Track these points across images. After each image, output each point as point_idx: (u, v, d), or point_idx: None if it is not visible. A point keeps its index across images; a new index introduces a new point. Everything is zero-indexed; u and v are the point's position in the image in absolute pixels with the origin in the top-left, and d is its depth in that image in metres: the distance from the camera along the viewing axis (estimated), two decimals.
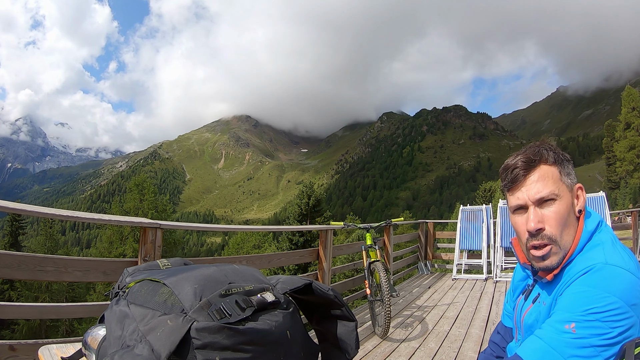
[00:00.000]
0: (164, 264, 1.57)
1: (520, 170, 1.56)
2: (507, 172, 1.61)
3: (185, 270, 1.35)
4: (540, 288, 1.63)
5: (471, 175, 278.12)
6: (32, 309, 3.65)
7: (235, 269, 1.37)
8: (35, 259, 2.95)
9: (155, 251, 3.49)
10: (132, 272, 1.50)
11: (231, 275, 1.31)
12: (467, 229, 11.07)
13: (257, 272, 1.41)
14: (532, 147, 1.60)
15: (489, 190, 56.45)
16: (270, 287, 1.32)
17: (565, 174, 1.56)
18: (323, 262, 6.35)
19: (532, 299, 1.66)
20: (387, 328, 5.29)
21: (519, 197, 1.57)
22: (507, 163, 1.62)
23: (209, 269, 1.34)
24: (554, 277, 1.54)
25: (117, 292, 1.41)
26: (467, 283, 9.82)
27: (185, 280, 1.24)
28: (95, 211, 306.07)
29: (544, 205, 1.53)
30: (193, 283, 1.22)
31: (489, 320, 6.28)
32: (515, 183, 1.58)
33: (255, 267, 5.56)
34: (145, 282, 1.33)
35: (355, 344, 1.48)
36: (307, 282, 1.43)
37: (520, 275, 1.86)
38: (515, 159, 1.59)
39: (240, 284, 1.26)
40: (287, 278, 1.44)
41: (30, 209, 2.90)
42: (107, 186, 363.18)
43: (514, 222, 1.63)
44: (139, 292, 1.30)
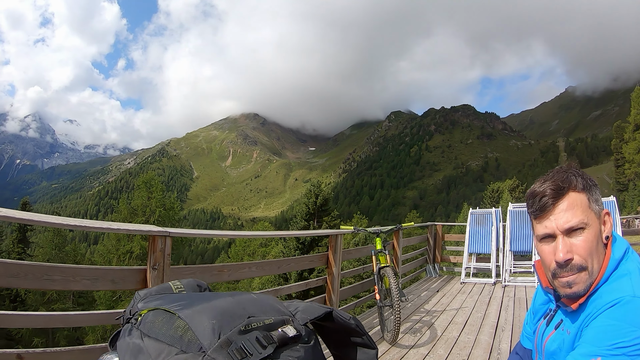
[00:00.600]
0: (176, 287, 1.52)
1: (548, 198, 1.53)
2: (535, 199, 1.57)
3: (201, 300, 1.30)
4: (564, 315, 1.60)
5: (479, 175, 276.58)
6: (39, 318, 3.60)
7: (253, 299, 1.32)
8: (42, 267, 2.90)
9: (165, 259, 3.45)
10: (143, 296, 1.46)
11: (250, 308, 1.26)
12: (476, 232, 11.03)
13: (276, 301, 1.36)
14: (560, 173, 1.57)
15: (496, 191, 56.20)
16: (290, 319, 1.27)
17: (593, 200, 1.53)
18: (332, 266, 6.32)
19: (554, 325, 1.64)
20: (396, 334, 5.28)
21: (547, 225, 1.53)
22: (535, 190, 1.59)
23: (225, 300, 1.29)
24: (579, 305, 1.50)
25: (129, 319, 1.37)
26: (476, 287, 9.79)
27: (201, 314, 1.19)
28: (103, 208, 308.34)
29: (572, 235, 1.50)
30: (211, 317, 1.17)
31: (497, 327, 6.25)
32: (543, 212, 1.54)
33: (265, 272, 5.60)
34: (159, 312, 1.28)
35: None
36: (327, 311, 1.39)
37: (542, 298, 1.83)
38: (543, 186, 1.56)
39: (260, 317, 1.21)
40: (306, 306, 1.39)
41: (38, 219, 2.87)
42: (115, 183, 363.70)
43: (540, 250, 1.59)
44: (152, 324, 1.24)
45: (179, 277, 3.76)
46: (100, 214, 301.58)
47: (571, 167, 1.59)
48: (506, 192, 53.19)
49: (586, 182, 1.54)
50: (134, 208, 28.53)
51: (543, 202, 1.54)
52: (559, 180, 1.54)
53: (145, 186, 29.27)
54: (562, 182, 1.53)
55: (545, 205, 1.53)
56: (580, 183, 1.53)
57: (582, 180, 1.54)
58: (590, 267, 1.49)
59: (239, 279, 25.04)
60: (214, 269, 4.37)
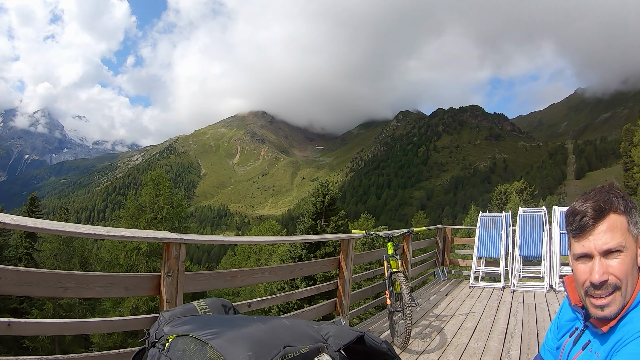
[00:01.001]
0: (201, 307, 1.50)
1: (589, 219, 1.53)
2: (575, 218, 1.57)
3: (232, 326, 1.27)
4: (592, 336, 1.59)
5: (486, 176, 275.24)
6: (53, 325, 3.56)
7: (286, 326, 1.30)
8: (56, 275, 2.89)
9: (179, 266, 3.43)
10: (169, 319, 1.43)
11: (284, 336, 1.23)
12: (486, 236, 10.99)
13: (308, 326, 1.35)
14: (602, 193, 1.57)
15: (504, 193, 55.95)
16: (324, 346, 1.25)
17: (632, 223, 1.53)
18: (344, 271, 6.32)
19: (581, 345, 1.62)
20: (407, 339, 5.28)
21: (585, 245, 1.53)
22: (576, 209, 1.59)
23: (258, 327, 1.26)
24: (609, 328, 1.49)
25: (154, 343, 1.34)
26: (484, 291, 9.75)
27: (235, 345, 1.16)
28: (111, 203, 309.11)
29: (609, 256, 1.50)
30: (246, 349, 1.13)
31: (507, 333, 6.22)
32: (583, 232, 1.54)
33: (278, 277, 5.58)
34: (188, 340, 1.25)
35: None
36: (359, 335, 1.38)
37: (568, 315, 1.82)
38: (584, 205, 1.56)
39: (296, 346, 1.19)
40: (337, 330, 1.37)
41: (52, 227, 2.85)
42: (123, 179, 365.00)
43: (575, 268, 1.59)
44: (183, 353, 1.21)
45: (193, 283, 3.80)
46: (107, 209, 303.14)
47: (612, 187, 1.59)
48: (514, 194, 52.96)
49: (627, 205, 1.54)
50: (142, 205, 28.51)
51: (584, 222, 1.54)
52: (601, 201, 1.54)
53: (153, 183, 29.24)
54: (604, 203, 1.53)
55: (586, 225, 1.53)
56: (621, 205, 1.53)
57: (624, 203, 1.53)
58: (624, 289, 1.48)
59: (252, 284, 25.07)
60: (228, 274, 4.38)
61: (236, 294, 36.49)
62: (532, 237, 10.16)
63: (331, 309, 6.40)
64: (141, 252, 25.33)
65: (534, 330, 6.36)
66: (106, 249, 28.06)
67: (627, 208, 1.52)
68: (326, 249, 24.68)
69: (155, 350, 1.30)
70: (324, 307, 6.28)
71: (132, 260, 25.03)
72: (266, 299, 5.23)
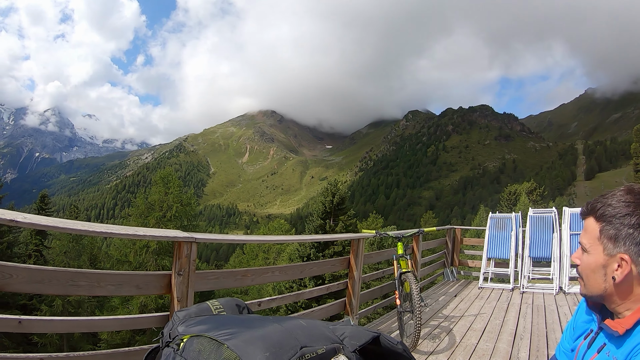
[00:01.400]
0: (215, 307, 1.49)
1: (581, 214, 1.68)
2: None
3: (248, 327, 1.27)
4: (607, 339, 1.56)
5: (496, 176, 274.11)
6: (63, 323, 3.56)
7: (302, 326, 1.29)
8: (68, 273, 2.91)
9: (190, 265, 3.45)
10: (183, 318, 1.43)
11: (301, 337, 1.23)
12: (495, 237, 10.94)
13: (324, 326, 1.34)
14: (602, 195, 1.61)
15: (513, 193, 55.57)
16: (341, 347, 1.25)
17: (607, 235, 1.52)
18: (354, 270, 6.32)
19: (596, 349, 1.59)
20: (416, 339, 5.26)
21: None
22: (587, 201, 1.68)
23: (274, 327, 1.27)
24: (626, 331, 1.46)
25: (169, 342, 1.34)
26: (494, 292, 9.70)
27: (252, 346, 1.15)
28: (120, 201, 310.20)
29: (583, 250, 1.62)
30: (263, 349, 1.13)
31: (516, 335, 6.20)
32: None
33: (288, 277, 5.59)
34: (204, 340, 1.24)
35: None
36: (375, 336, 1.37)
37: (584, 316, 1.79)
38: (588, 202, 1.65)
39: (312, 346, 1.19)
40: (353, 330, 1.37)
41: (64, 225, 2.84)
42: (133, 177, 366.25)
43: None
44: (199, 354, 1.20)
45: (203, 282, 3.81)
46: (117, 207, 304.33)
47: (615, 193, 1.56)
48: (523, 194, 52.54)
49: (606, 214, 1.54)
50: (151, 203, 28.59)
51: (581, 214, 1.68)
52: (591, 202, 1.62)
53: (162, 182, 29.33)
54: (590, 205, 1.61)
55: (582, 218, 1.66)
56: (601, 212, 1.55)
57: (603, 210, 1.55)
58: (585, 282, 1.62)
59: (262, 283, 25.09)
60: (238, 273, 4.39)
61: (244, 293, 36.49)
62: (542, 239, 10.10)
63: (340, 309, 6.40)
64: (150, 250, 25.42)
65: (543, 332, 6.32)
66: (115, 247, 28.19)
67: (606, 218, 1.53)
68: (335, 248, 24.69)
69: (170, 350, 1.29)
70: (333, 307, 6.27)
71: (142, 258, 25.12)
72: (276, 298, 5.24)
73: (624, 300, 1.50)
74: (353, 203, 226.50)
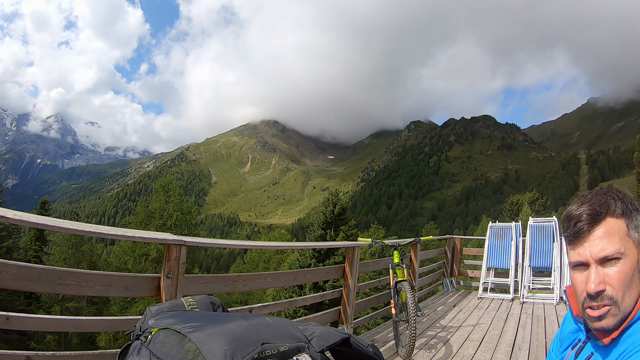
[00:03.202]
0: (189, 304, 1.50)
1: (584, 224, 1.42)
2: (570, 223, 1.46)
3: (214, 322, 1.26)
4: (594, 348, 1.49)
5: (498, 187, 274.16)
6: (50, 321, 3.58)
7: (267, 323, 1.28)
8: (57, 272, 2.90)
9: (179, 268, 3.43)
10: (155, 313, 1.44)
11: (264, 333, 1.22)
12: (495, 247, 10.89)
13: (291, 325, 1.32)
14: (598, 196, 1.46)
15: (516, 204, 55.65)
16: (306, 346, 1.23)
17: (633, 227, 1.40)
18: (349, 279, 6.26)
19: (584, 359, 1.52)
20: (411, 349, 5.20)
21: (580, 253, 1.43)
22: (571, 213, 1.48)
23: (239, 323, 1.25)
24: (611, 340, 1.39)
25: (139, 335, 1.34)
26: (493, 303, 9.65)
27: (213, 339, 1.15)
28: (121, 209, 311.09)
29: (606, 264, 1.38)
30: (223, 343, 1.12)
31: (514, 346, 6.13)
32: (577, 238, 1.44)
33: (281, 283, 5.56)
34: (170, 332, 1.24)
35: None
36: (344, 337, 1.34)
37: (571, 327, 1.70)
38: (580, 209, 1.45)
39: (274, 343, 1.17)
40: (322, 331, 1.34)
41: (53, 224, 2.83)
42: (134, 185, 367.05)
43: (572, 277, 1.49)
44: (163, 344, 1.21)
45: (193, 285, 3.79)
46: (118, 215, 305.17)
47: (611, 189, 1.48)
48: (526, 205, 52.63)
49: (626, 207, 1.42)
50: (152, 211, 28.68)
51: (578, 228, 1.43)
52: (597, 204, 1.43)
53: (163, 190, 29.42)
54: (599, 207, 1.42)
55: (580, 231, 1.43)
56: (619, 208, 1.41)
57: (622, 205, 1.42)
58: (622, 301, 1.37)
59: (253, 289, 25.05)
60: (229, 278, 4.34)
61: (244, 303, 36.40)
62: (542, 248, 10.04)
63: (335, 317, 6.33)
64: (150, 258, 25.46)
65: (542, 343, 6.26)
66: (115, 254, 28.27)
67: (626, 210, 1.41)
68: (335, 258, 24.62)
69: (138, 343, 1.29)
70: (328, 315, 6.20)
71: (141, 266, 25.15)
72: (268, 304, 5.17)
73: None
74: (355, 213, 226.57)
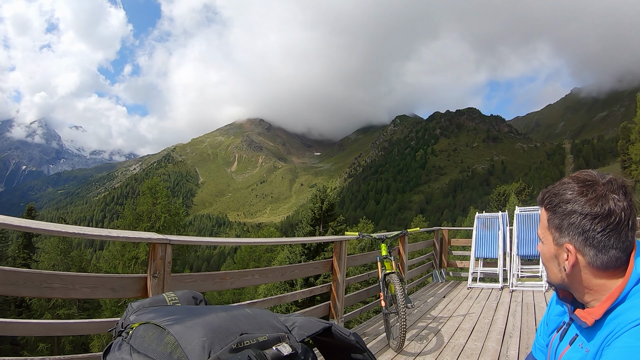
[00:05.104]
0: (171, 299, 1.49)
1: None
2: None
3: (193, 314, 1.25)
4: (578, 330, 1.51)
5: (485, 178, 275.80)
6: (39, 325, 3.56)
7: (247, 314, 1.27)
8: (42, 275, 2.87)
9: (165, 267, 3.41)
10: (136, 308, 1.43)
11: (243, 324, 1.21)
12: (483, 237, 10.94)
13: (272, 316, 1.31)
14: (551, 186, 1.57)
15: (503, 194, 56.03)
16: (286, 335, 1.22)
17: (553, 225, 1.50)
18: (337, 273, 6.25)
19: (568, 340, 1.54)
20: (402, 341, 5.22)
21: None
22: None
23: (218, 315, 1.24)
24: (595, 322, 1.40)
25: (121, 332, 1.33)
26: (483, 292, 9.70)
27: (192, 330, 1.14)
28: (109, 213, 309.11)
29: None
30: (201, 334, 1.12)
31: (505, 333, 6.18)
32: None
33: (269, 280, 5.55)
34: (149, 327, 1.23)
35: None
36: (326, 326, 1.34)
37: (557, 309, 1.74)
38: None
39: (254, 334, 1.16)
40: (304, 321, 1.34)
41: (36, 226, 2.82)
42: (121, 189, 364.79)
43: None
44: (142, 339, 1.20)
45: (180, 284, 3.75)
46: (106, 219, 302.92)
47: (563, 182, 1.53)
48: (513, 195, 53.00)
49: (551, 203, 1.51)
50: (139, 214, 28.54)
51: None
52: (542, 192, 1.59)
53: (150, 192, 29.29)
54: (542, 194, 1.58)
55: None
56: (547, 201, 1.53)
57: (549, 199, 1.53)
58: (547, 273, 1.60)
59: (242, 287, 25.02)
60: (217, 276, 4.31)
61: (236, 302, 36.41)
62: (529, 236, 10.10)
63: (326, 312, 6.33)
64: (139, 261, 25.34)
65: (532, 330, 6.30)
66: (105, 259, 28.13)
67: (550, 207, 1.51)
68: (325, 254, 24.65)
69: (120, 339, 1.28)
70: (318, 309, 6.19)
71: (131, 270, 25.03)
72: (257, 301, 5.15)
73: (585, 290, 1.46)
74: (343, 209, 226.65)
